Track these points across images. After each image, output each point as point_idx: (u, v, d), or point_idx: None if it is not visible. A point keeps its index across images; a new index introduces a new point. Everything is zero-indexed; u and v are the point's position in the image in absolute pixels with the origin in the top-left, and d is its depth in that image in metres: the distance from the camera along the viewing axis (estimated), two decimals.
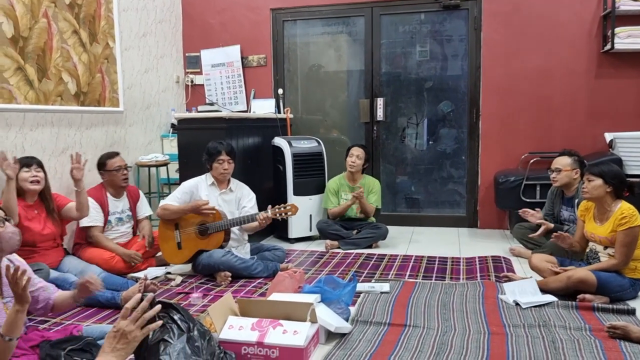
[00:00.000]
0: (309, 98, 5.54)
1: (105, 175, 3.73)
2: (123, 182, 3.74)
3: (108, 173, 3.71)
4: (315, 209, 4.64)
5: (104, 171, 3.73)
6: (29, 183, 3.21)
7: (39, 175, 3.25)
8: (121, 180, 3.72)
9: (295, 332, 2.28)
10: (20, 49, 3.50)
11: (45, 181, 3.30)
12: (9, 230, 1.96)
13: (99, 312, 2.92)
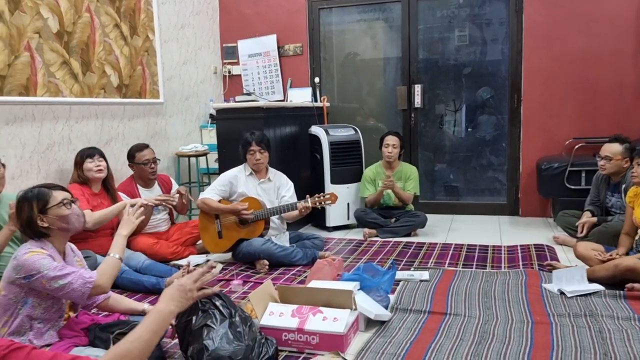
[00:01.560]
0: (346, 86, 5.51)
1: (135, 167, 3.79)
2: (151, 175, 3.79)
3: (137, 165, 3.77)
4: (352, 198, 4.63)
5: (133, 163, 3.79)
6: (94, 172, 3.37)
7: (102, 164, 3.41)
8: (149, 173, 3.77)
9: (335, 319, 2.29)
10: (65, 44, 3.60)
11: (107, 170, 3.46)
12: (75, 211, 2.09)
13: (144, 297, 3.01)
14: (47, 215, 2.03)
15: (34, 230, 2.04)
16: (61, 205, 2.05)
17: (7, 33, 3.16)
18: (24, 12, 3.27)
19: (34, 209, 2.02)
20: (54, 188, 2.11)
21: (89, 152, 3.42)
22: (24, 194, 2.08)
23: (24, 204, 2.05)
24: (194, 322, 2.12)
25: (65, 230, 2.08)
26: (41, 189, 2.09)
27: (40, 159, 3.45)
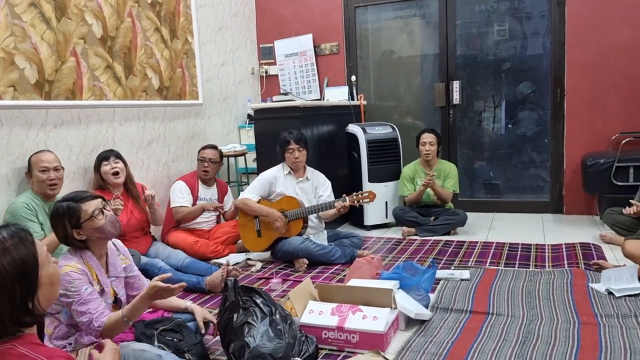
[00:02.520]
0: (382, 84, 5.48)
1: (197, 163, 4.01)
2: (202, 174, 3.94)
3: (198, 162, 3.99)
4: (390, 196, 4.60)
5: (197, 159, 4.01)
6: (110, 175, 3.39)
7: (118, 166, 3.41)
8: (201, 170, 3.94)
9: (375, 317, 2.28)
10: (109, 48, 3.71)
11: (125, 171, 3.47)
12: (109, 219, 2.11)
13: (185, 295, 3.06)
14: (82, 229, 2.05)
15: (73, 244, 2.07)
16: (93, 218, 2.04)
17: (55, 39, 3.28)
18: (70, 19, 3.39)
19: (67, 226, 2.03)
20: (83, 200, 2.07)
21: (104, 155, 3.45)
22: (55, 211, 2.06)
23: (57, 222, 2.04)
24: (235, 319, 2.15)
25: (102, 239, 2.11)
26: (70, 203, 2.05)
27: (86, 160, 3.56)
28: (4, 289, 1.15)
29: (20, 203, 2.86)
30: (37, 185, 2.95)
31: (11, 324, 1.16)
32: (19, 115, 3.09)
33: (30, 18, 3.11)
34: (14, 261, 1.17)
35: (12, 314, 1.16)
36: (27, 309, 1.19)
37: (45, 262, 1.26)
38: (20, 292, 1.17)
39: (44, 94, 3.21)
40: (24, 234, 1.23)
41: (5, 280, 1.15)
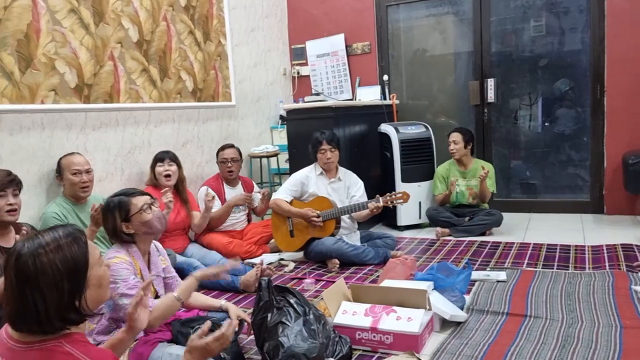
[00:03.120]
0: (415, 83, 5.43)
1: (218, 164, 4.00)
2: (228, 174, 3.95)
3: (219, 164, 3.99)
4: (424, 196, 4.55)
5: (218, 161, 3.99)
6: (162, 177, 3.52)
7: (171, 169, 3.54)
8: (226, 172, 3.94)
9: (409, 318, 2.26)
10: (145, 52, 3.78)
11: (178, 174, 3.59)
12: (156, 214, 2.19)
13: (220, 294, 3.10)
14: (131, 222, 2.13)
15: (120, 237, 2.15)
16: (142, 212, 2.15)
17: (93, 44, 3.36)
18: (108, 24, 3.47)
19: (117, 218, 2.13)
20: (133, 195, 2.19)
21: (160, 156, 3.58)
22: (106, 205, 2.18)
23: (107, 214, 2.15)
24: (269, 319, 2.16)
25: (149, 233, 2.18)
26: (121, 197, 2.17)
27: (124, 161, 3.65)
28: (53, 285, 1.18)
29: (50, 214, 2.91)
30: (69, 188, 3.01)
31: (57, 320, 1.19)
32: (59, 118, 3.18)
33: (70, 24, 3.21)
34: (65, 259, 1.20)
35: (58, 310, 1.19)
36: (74, 307, 1.22)
37: (96, 264, 1.29)
38: (69, 290, 1.20)
39: (83, 98, 3.30)
40: (78, 234, 1.27)
41: (55, 276, 1.18)
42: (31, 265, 1.17)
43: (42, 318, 1.17)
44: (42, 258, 1.18)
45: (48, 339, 1.20)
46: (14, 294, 1.20)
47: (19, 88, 2.92)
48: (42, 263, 1.17)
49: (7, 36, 2.85)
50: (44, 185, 3.09)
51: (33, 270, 1.17)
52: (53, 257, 1.19)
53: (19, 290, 1.18)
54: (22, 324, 1.20)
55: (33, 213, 2.98)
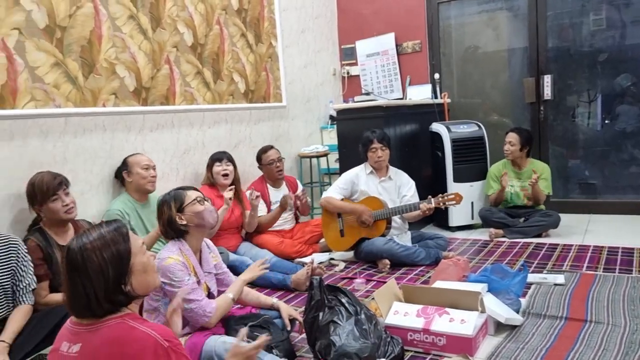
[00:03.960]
0: (466, 81, 5.33)
1: (263, 168, 4.01)
2: (277, 174, 3.96)
3: (264, 166, 3.98)
4: (476, 196, 4.46)
5: (261, 165, 4.01)
6: (220, 176, 3.63)
7: (228, 168, 3.66)
8: (275, 172, 3.95)
9: (462, 320, 2.23)
10: (199, 55, 3.89)
11: (234, 173, 3.70)
12: (208, 208, 2.27)
13: (271, 293, 3.14)
14: (184, 213, 2.22)
15: (174, 228, 2.22)
16: (195, 203, 2.24)
17: (150, 49, 3.48)
18: (164, 29, 3.59)
19: (172, 208, 2.22)
20: (188, 189, 2.32)
21: (217, 156, 3.69)
22: (162, 198, 2.30)
23: (163, 205, 2.25)
24: (321, 318, 2.17)
25: (201, 226, 2.24)
26: (177, 190, 2.30)
27: (179, 162, 3.76)
28: (99, 272, 1.33)
29: (114, 211, 3.05)
30: (138, 183, 3.14)
31: (105, 302, 1.34)
32: (119, 120, 3.31)
33: (130, 30, 3.33)
34: (108, 248, 1.35)
35: (106, 294, 1.33)
36: (121, 290, 1.36)
37: (139, 252, 1.43)
38: (113, 275, 1.34)
39: (141, 100, 3.42)
40: (120, 227, 1.42)
41: (100, 264, 1.33)
42: (79, 256, 1.33)
43: (91, 302, 1.32)
44: (88, 249, 1.33)
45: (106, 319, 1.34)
46: (67, 284, 1.35)
47: (82, 92, 3.06)
48: (88, 254, 1.33)
49: (71, 43, 3.00)
50: (105, 185, 3.22)
51: (81, 260, 1.33)
52: (98, 247, 1.34)
53: (70, 279, 1.34)
54: (76, 310, 1.36)
55: (95, 211, 3.11)
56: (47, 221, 2.58)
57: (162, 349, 1.30)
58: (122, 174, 3.17)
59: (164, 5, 3.59)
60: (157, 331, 1.33)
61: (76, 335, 1.35)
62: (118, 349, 1.29)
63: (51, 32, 2.89)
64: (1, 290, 2.25)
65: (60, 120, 2.98)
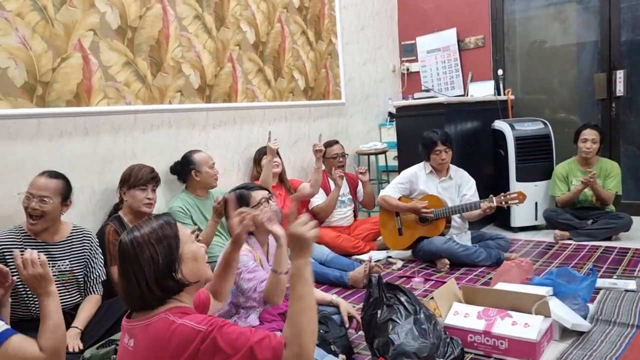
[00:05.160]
0: (531, 77, 5.14)
1: (326, 161, 4.06)
2: (339, 169, 4.01)
3: (327, 160, 4.04)
4: (541, 196, 4.30)
5: (325, 158, 4.04)
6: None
7: (278, 160, 3.72)
8: (337, 166, 4.02)
9: (526, 324, 2.16)
10: (260, 53, 3.96)
11: (281, 166, 3.79)
12: (273, 208, 2.28)
13: (328, 289, 3.16)
14: None
15: None
16: (260, 205, 2.23)
17: (214, 47, 3.58)
18: (228, 28, 3.68)
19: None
20: (252, 189, 2.31)
21: (265, 150, 3.70)
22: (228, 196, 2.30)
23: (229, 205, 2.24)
24: (379, 316, 2.17)
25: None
26: (242, 190, 2.28)
27: (240, 158, 3.84)
28: (150, 260, 1.37)
29: (176, 207, 3.16)
30: (205, 181, 3.25)
31: (157, 289, 1.37)
32: (184, 117, 3.43)
33: (195, 29, 3.44)
34: (158, 237, 1.39)
35: (157, 281, 1.36)
36: (172, 277, 1.39)
37: (188, 241, 1.46)
38: (163, 263, 1.37)
39: (205, 98, 3.53)
40: (169, 218, 1.47)
41: (151, 252, 1.37)
42: (130, 247, 1.38)
43: (144, 290, 1.35)
44: (139, 240, 1.37)
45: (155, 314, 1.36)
46: (121, 275, 1.40)
47: (150, 90, 3.19)
48: (139, 244, 1.37)
49: (141, 43, 3.12)
50: (168, 181, 3.34)
51: (132, 251, 1.37)
52: (148, 238, 1.38)
53: (123, 269, 1.39)
54: (130, 300, 1.39)
55: (159, 205, 3.22)
56: (127, 208, 2.75)
57: (202, 334, 1.28)
58: (187, 171, 3.26)
59: (228, 5, 3.67)
60: (194, 320, 1.32)
61: (130, 330, 1.39)
62: (160, 345, 1.30)
63: (123, 33, 3.03)
64: (74, 280, 2.38)
65: (130, 117, 3.11)
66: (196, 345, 1.27)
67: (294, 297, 1.38)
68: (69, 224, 2.44)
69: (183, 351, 1.28)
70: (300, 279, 1.39)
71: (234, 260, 1.83)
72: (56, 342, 1.63)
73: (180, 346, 1.28)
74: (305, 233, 1.41)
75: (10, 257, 2.22)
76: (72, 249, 2.38)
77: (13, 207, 2.42)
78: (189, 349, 1.27)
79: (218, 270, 1.83)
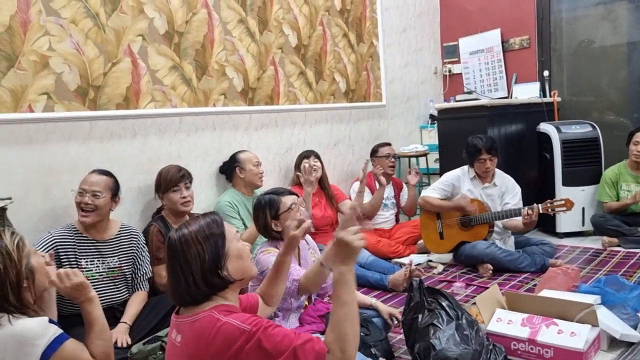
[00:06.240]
0: (578, 78, 4.99)
1: (376, 161, 4.05)
2: (389, 170, 4.02)
3: (378, 159, 4.03)
4: (588, 201, 4.17)
5: (375, 157, 4.06)
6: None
7: (317, 164, 3.71)
8: (388, 167, 4.00)
9: (572, 333, 2.10)
10: (302, 56, 3.99)
11: (322, 170, 3.76)
12: (304, 212, 2.29)
13: (368, 291, 3.16)
14: (279, 220, 2.22)
15: (270, 234, 2.26)
16: (290, 211, 2.22)
17: (257, 51, 3.64)
18: (270, 31, 3.73)
19: (267, 216, 2.22)
20: (282, 194, 2.27)
21: (305, 154, 3.75)
22: (258, 202, 2.28)
23: (259, 211, 2.26)
24: (420, 320, 2.15)
25: None
26: (272, 195, 2.26)
27: (281, 160, 3.89)
28: (197, 256, 1.40)
29: (224, 202, 3.24)
30: (249, 179, 3.31)
31: (203, 285, 1.40)
32: (228, 119, 3.49)
33: (239, 33, 3.50)
34: (204, 235, 1.43)
35: (203, 277, 1.40)
36: (217, 274, 1.41)
37: (234, 239, 1.49)
38: (210, 260, 1.41)
39: (247, 100, 3.58)
40: (215, 216, 1.50)
41: (198, 249, 1.41)
42: (178, 244, 1.42)
43: (191, 286, 1.39)
44: (187, 237, 1.41)
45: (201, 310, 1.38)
46: (169, 272, 1.45)
47: (195, 93, 3.26)
48: (186, 241, 1.41)
49: (187, 47, 3.20)
50: (214, 180, 3.42)
51: (179, 247, 1.41)
52: (195, 235, 1.41)
53: (171, 265, 1.43)
54: (178, 296, 1.43)
55: (205, 205, 3.31)
56: (168, 210, 2.84)
57: (246, 334, 1.29)
58: (233, 170, 3.34)
59: (270, 9, 3.73)
60: (239, 319, 1.33)
61: (178, 326, 1.42)
62: (205, 342, 1.32)
63: (170, 38, 3.11)
64: (122, 277, 2.47)
65: (176, 119, 3.20)
66: (240, 345, 1.29)
67: (338, 303, 1.39)
68: (117, 222, 2.53)
69: (227, 349, 1.30)
70: (344, 284, 1.41)
71: (285, 263, 1.81)
72: (105, 347, 1.69)
73: (224, 344, 1.30)
74: (353, 241, 1.42)
75: (63, 253, 2.32)
76: (121, 247, 2.47)
77: (67, 205, 2.53)
78: (232, 347, 1.29)
79: (270, 274, 1.83)
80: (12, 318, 1.49)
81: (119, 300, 2.45)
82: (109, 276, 2.41)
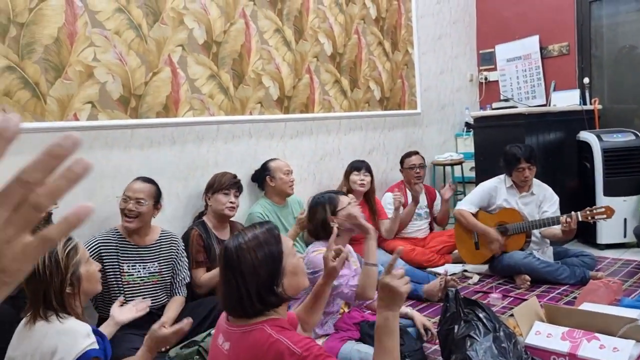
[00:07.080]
0: (619, 85, 4.86)
1: (403, 172, 4.03)
2: (415, 179, 3.96)
3: (404, 170, 4.01)
4: (630, 212, 4.05)
5: (403, 168, 4.02)
6: (357, 185, 3.68)
7: (366, 179, 3.69)
8: (414, 177, 3.95)
9: (614, 348, 2.04)
10: (337, 64, 4.02)
11: (371, 184, 3.72)
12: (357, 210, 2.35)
13: None
14: (337, 216, 2.30)
15: (326, 230, 2.28)
16: (348, 207, 2.31)
17: (293, 59, 3.68)
18: (306, 40, 3.76)
19: (327, 211, 2.32)
20: (339, 194, 2.43)
21: (357, 165, 3.74)
22: (317, 199, 2.39)
23: (317, 207, 2.35)
24: (457, 331, 2.13)
25: (349, 230, 2.32)
26: (330, 194, 2.40)
27: (315, 167, 3.91)
28: (253, 271, 1.37)
29: (255, 213, 3.26)
30: (280, 187, 3.33)
31: (258, 302, 1.37)
32: (264, 127, 3.54)
33: (275, 42, 3.55)
34: (262, 249, 1.39)
35: (258, 293, 1.37)
36: (273, 291, 1.38)
37: (290, 254, 1.46)
38: (266, 276, 1.38)
39: (283, 109, 3.62)
40: (273, 229, 1.47)
41: (254, 263, 1.38)
42: (235, 256, 1.38)
43: (244, 300, 1.36)
44: (243, 249, 1.38)
45: (253, 322, 1.37)
46: (223, 280, 1.42)
47: (232, 101, 3.32)
48: (243, 253, 1.37)
49: (225, 56, 3.27)
50: (248, 188, 3.45)
51: (236, 259, 1.38)
52: (252, 247, 1.38)
53: (226, 276, 1.40)
54: (230, 307, 1.42)
55: (239, 213, 3.34)
56: (211, 214, 2.89)
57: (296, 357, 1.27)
58: (264, 178, 3.37)
59: (306, 18, 3.76)
60: (291, 339, 1.30)
61: (228, 334, 1.41)
62: (256, 355, 1.31)
63: (208, 47, 3.18)
64: (162, 282, 2.52)
65: (213, 127, 3.26)
66: None
67: (380, 350, 1.38)
68: (157, 228, 2.59)
69: None
70: (387, 330, 1.39)
71: (324, 292, 1.78)
72: None
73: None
74: (399, 287, 1.39)
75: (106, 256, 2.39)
76: (161, 252, 2.53)
77: (110, 210, 2.60)
78: None
79: (307, 302, 1.80)
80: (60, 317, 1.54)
81: (158, 304, 2.50)
82: (150, 281, 2.47)
